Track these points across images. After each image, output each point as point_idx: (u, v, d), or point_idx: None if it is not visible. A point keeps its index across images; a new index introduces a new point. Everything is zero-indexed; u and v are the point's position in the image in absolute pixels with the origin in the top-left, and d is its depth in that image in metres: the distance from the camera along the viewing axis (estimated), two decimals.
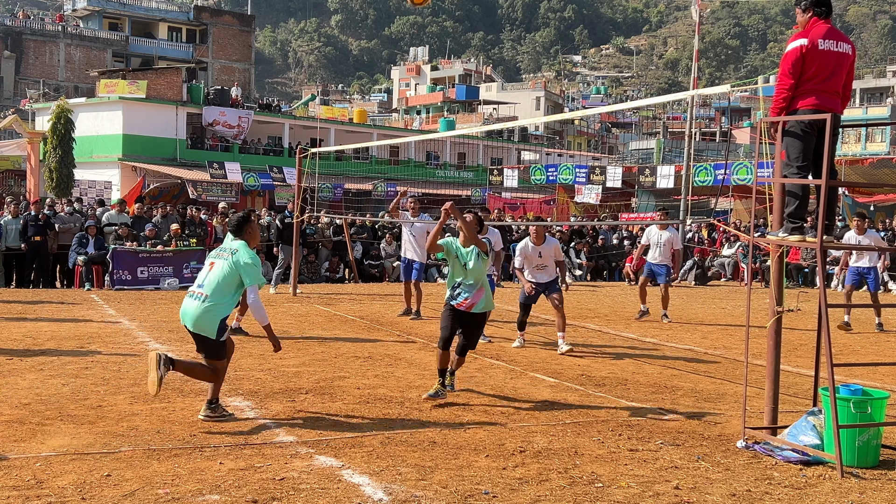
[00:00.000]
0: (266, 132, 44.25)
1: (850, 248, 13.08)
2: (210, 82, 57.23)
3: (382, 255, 20.75)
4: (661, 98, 12.04)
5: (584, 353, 10.10)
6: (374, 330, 11.51)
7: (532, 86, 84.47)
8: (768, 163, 6.69)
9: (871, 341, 11.89)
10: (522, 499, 4.68)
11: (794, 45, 6.03)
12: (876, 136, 54.41)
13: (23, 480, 4.71)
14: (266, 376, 7.92)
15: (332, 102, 79.63)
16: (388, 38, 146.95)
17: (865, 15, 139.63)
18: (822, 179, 5.71)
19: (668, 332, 12.26)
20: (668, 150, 53.09)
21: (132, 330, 10.79)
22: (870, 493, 4.96)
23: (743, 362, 6.43)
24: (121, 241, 16.44)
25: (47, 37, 64.23)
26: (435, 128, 54.67)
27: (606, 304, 16.12)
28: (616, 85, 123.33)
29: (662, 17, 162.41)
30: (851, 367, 9.04)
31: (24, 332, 10.28)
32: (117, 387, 7.29)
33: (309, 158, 16.33)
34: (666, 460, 5.52)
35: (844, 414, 5.50)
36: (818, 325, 6.05)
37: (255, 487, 4.71)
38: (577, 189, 28.77)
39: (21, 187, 31.62)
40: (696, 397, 7.70)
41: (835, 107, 6.04)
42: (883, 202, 26.37)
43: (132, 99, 37.91)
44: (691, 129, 24.51)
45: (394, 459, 5.34)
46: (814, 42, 5.95)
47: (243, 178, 33.89)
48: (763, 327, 6.29)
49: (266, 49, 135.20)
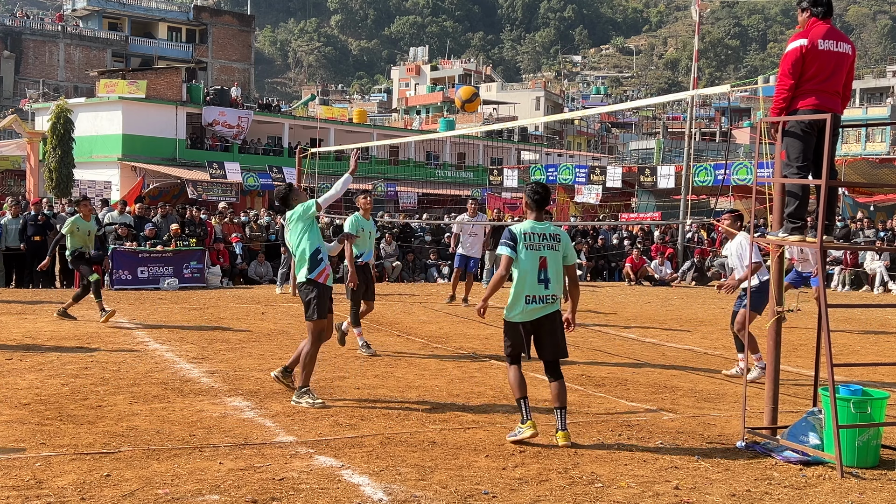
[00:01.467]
0: (266, 132, 44.24)
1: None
2: (210, 82, 57.24)
3: (382, 255, 20.74)
4: (661, 98, 12.08)
5: (585, 352, 10.10)
6: (374, 330, 11.50)
7: (532, 86, 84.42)
8: (768, 163, 6.68)
9: (871, 341, 11.88)
10: (522, 499, 4.68)
11: (793, 45, 6.03)
12: (876, 136, 54.40)
13: (22, 480, 4.71)
14: (266, 376, 7.91)
15: (332, 102, 79.54)
16: (388, 38, 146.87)
17: (865, 15, 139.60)
18: (822, 179, 5.71)
19: (667, 332, 12.26)
20: (667, 150, 53.09)
21: (132, 330, 10.79)
22: (870, 493, 4.95)
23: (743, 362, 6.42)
24: (121, 241, 16.44)
25: (47, 37, 64.24)
26: (435, 128, 54.66)
27: (606, 304, 16.11)
28: (616, 85, 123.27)
29: (662, 17, 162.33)
30: (851, 367, 9.03)
31: (24, 332, 10.28)
32: (117, 387, 7.29)
33: (309, 158, 16.33)
34: (666, 460, 5.52)
35: (844, 414, 5.50)
36: (818, 325, 6.05)
37: (254, 487, 4.71)
38: (577, 189, 28.76)
39: (21, 187, 31.62)
40: (696, 397, 7.70)
41: (835, 107, 6.04)
42: (883, 202, 26.37)
43: (132, 99, 37.90)
44: (691, 129, 24.50)
45: (394, 459, 5.34)
46: (813, 42, 5.95)
47: (243, 178, 33.89)
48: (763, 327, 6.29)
49: (266, 49, 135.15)
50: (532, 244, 5.84)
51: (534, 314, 5.85)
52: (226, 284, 17.67)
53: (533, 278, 5.80)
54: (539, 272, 5.82)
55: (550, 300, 5.87)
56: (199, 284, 16.67)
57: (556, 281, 5.88)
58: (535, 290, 5.82)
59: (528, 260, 5.82)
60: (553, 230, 5.95)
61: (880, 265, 20.17)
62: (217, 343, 9.87)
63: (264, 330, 11.00)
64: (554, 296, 5.86)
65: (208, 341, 9.98)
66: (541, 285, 5.82)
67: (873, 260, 20.47)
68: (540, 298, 5.83)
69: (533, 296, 5.82)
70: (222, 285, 17.48)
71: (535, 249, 5.84)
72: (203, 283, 16.82)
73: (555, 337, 5.91)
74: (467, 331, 11.61)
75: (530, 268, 5.82)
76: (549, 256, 5.85)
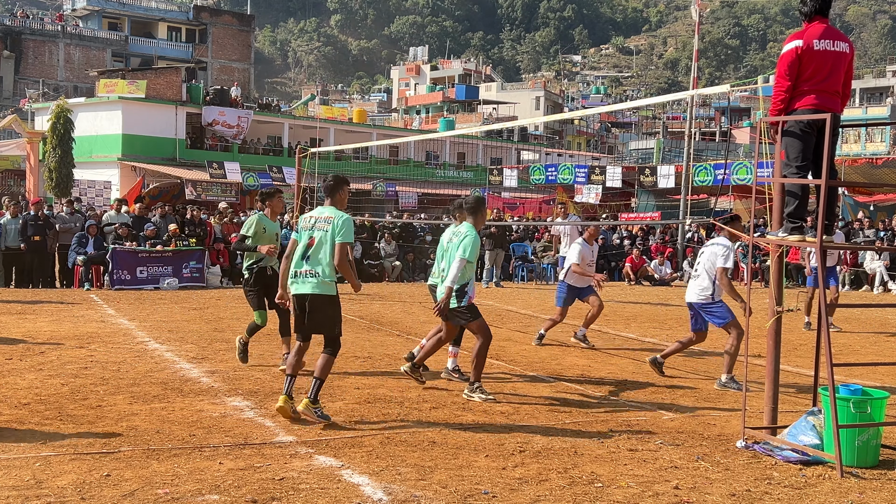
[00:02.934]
0: (265, 132, 44.24)
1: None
2: (209, 82, 57.23)
3: (382, 255, 20.76)
4: (660, 98, 12.08)
5: (584, 353, 10.09)
6: (374, 330, 11.51)
7: (532, 85, 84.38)
8: (768, 162, 6.68)
9: (871, 341, 11.88)
10: (522, 499, 4.68)
11: (789, 46, 6.03)
12: (876, 136, 54.39)
13: (22, 480, 4.71)
14: (266, 376, 7.92)
15: (332, 102, 79.60)
16: (388, 37, 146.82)
17: (865, 15, 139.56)
18: (822, 179, 5.71)
19: (668, 332, 12.26)
20: (667, 150, 53.06)
21: (132, 330, 10.79)
22: (869, 493, 4.95)
23: (743, 362, 6.43)
24: (120, 240, 16.44)
25: (47, 36, 64.21)
26: (434, 128, 54.66)
27: (606, 304, 16.09)
28: (616, 85, 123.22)
29: (662, 17, 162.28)
30: (851, 367, 9.03)
31: (24, 331, 10.28)
32: (117, 387, 7.29)
33: (308, 158, 16.33)
34: (666, 460, 5.52)
35: (844, 414, 5.50)
36: (818, 325, 6.05)
37: (254, 487, 4.71)
38: (576, 189, 28.75)
39: (20, 187, 31.61)
40: (696, 397, 7.70)
41: (834, 106, 6.03)
42: (883, 202, 26.37)
43: (131, 99, 37.88)
44: (691, 129, 24.51)
45: (393, 459, 5.34)
46: (809, 43, 5.95)
47: (243, 177, 33.87)
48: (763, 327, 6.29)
49: (265, 49, 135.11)
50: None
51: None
52: (226, 284, 17.67)
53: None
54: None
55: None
56: (199, 284, 16.67)
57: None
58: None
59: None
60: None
61: (880, 265, 20.17)
62: (217, 343, 9.87)
63: (264, 330, 10.98)
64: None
65: (208, 341, 9.99)
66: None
67: (873, 260, 20.48)
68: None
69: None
70: (222, 285, 17.48)
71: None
72: (203, 282, 16.82)
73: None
74: (467, 331, 11.58)
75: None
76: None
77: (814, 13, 6.07)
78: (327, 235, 6.32)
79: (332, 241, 6.28)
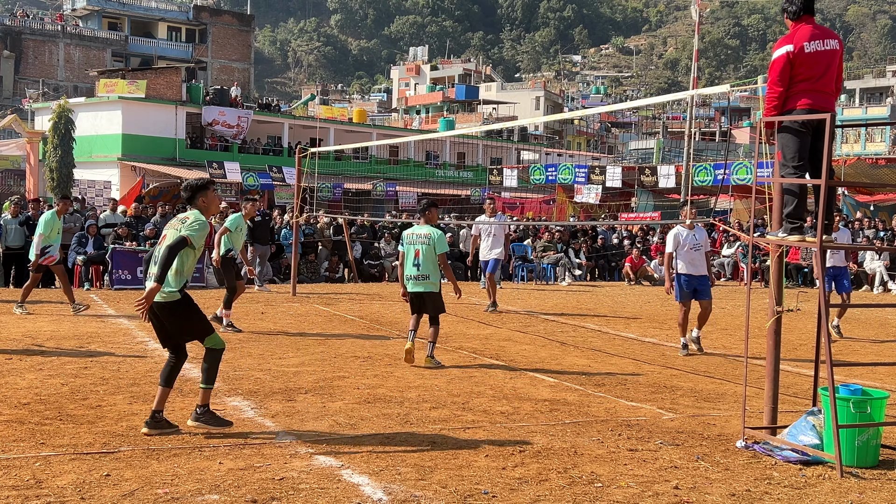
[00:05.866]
0: (265, 132, 44.23)
1: (849, 247, 13.02)
2: (209, 82, 57.24)
3: (382, 255, 20.75)
4: (660, 98, 12.09)
5: (585, 352, 10.09)
6: (373, 330, 11.51)
7: (532, 85, 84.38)
8: (768, 162, 6.68)
9: (870, 341, 11.88)
10: (522, 499, 4.68)
11: (779, 52, 6.02)
12: (876, 136, 54.39)
13: (22, 480, 4.71)
14: (266, 376, 7.92)
15: (332, 102, 79.53)
16: (388, 37, 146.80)
17: (865, 15, 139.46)
18: (822, 179, 5.71)
19: (667, 331, 12.26)
20: (667, 150, 53.10)
21: (131, 330, 10.79)
22: (869, 493, 4.95)
23: (742, 362, 6.43)
24: (120, 240, 16.43)
25: (47, 36, 64.21)
26: (434, 127, 54.65)
27: (606, 304, 16.12)
28: (616, 85, 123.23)
29: (662, 17, 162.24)
30: (851, 367, 9.04)
31: (24, 331, 10.28)
32: (116, 386, 7.29)
33: (308, 158, 16.33)
34: (665, 460, 5.52)
35: (844, 414, 5.50)
36: (818, 325, 6.05)
37: (254, 487, 4.71)
38: (576, 189, 28.76)
39: (21, 187, 31.61)
40: (695, 397, 7.70)
41: (829, 106, 6.03)
42: (883, 202, 26.36)
43: (131, 99, 37.87)
44: (691, 129, 24.54)
45: (393, 459, 5.34)
46: (800, 46, 5.94)
47: (243, 177, 33.86)
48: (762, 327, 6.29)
49: (265, 49, 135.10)
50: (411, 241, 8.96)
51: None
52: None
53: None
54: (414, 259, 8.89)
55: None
56: (199, 284, 16.67)
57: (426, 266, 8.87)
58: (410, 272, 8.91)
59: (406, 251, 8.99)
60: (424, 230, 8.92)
61: (880, 265, 20.18)
62: None
63: (264, 330, 11.00)
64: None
65: None
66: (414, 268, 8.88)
67: (873, 260, 20.49)
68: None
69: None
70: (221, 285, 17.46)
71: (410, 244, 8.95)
72: (202, 283, 16.81)
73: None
74: (467, 331, 11.61)
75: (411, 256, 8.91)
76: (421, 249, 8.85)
77: (801, 12, 6.07)
78: (429, 249, 8.77)
79: (433, 251, 8.79)
